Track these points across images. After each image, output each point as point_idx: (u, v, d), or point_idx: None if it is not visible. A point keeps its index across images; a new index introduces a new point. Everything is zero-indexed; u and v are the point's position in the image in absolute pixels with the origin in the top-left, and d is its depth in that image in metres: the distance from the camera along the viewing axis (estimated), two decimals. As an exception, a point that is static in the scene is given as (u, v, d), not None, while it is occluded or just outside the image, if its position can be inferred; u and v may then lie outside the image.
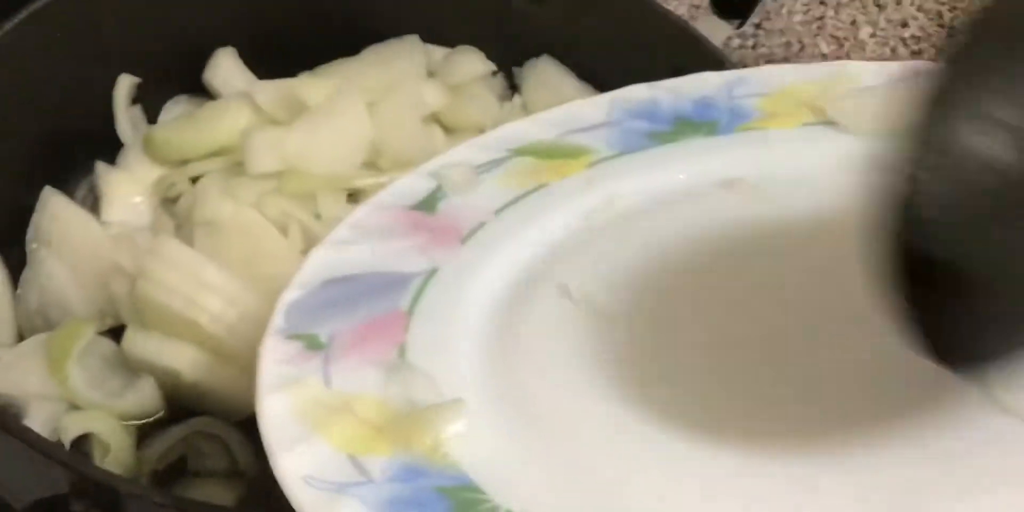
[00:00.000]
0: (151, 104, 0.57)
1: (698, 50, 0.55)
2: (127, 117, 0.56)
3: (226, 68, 0.58)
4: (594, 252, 0.37)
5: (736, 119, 0.42)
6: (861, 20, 0.69)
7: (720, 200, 0.39)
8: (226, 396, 0.47)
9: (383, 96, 0.55)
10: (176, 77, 0.58)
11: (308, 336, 0.33)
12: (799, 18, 0.69)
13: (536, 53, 0.60)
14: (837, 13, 0.69)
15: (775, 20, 0.68)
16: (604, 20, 0.58)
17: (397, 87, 0.56)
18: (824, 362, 0.33)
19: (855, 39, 0.68)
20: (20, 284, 0.51)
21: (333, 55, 0.58)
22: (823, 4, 0.69)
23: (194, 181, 0.54)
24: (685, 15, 0.61)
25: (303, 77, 0.57)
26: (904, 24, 0.69)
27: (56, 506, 0.37)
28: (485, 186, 0.39)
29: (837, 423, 0.31)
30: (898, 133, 0.26)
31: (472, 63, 0.59)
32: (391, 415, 0.31)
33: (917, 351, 0.26)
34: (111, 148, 0.55)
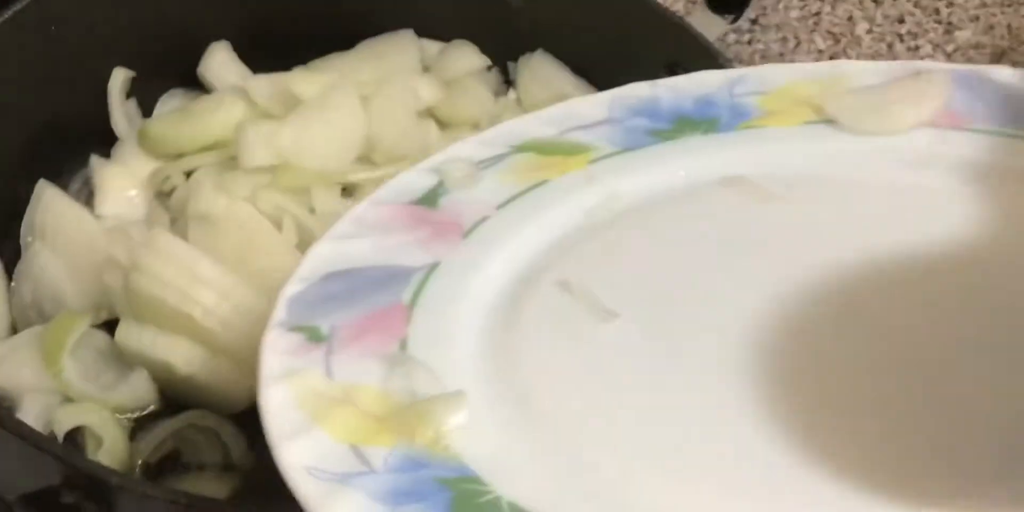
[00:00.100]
0: (146, 98, 0.57)
1: (693, 45, 0.55)
2: (122, 111, 0.56)
3: (221, 62, 0.58)
4: (595, 248, 0.38)
5: (737, 117, 0.42)
6: (857, 16, 0.69)
7: (721, 197, 0.39)
8: (220, 389, 0.47)
9: (377, 90, 0.55)
10: (171, 71, 0.58)
11: (310, 328, 0.33)
12: (795, 14, 0.69)
13: (531, 48, 0.60)
14: (833, 9, 0.69)
15: (771, 16, 0.68)
16: (599, 15, 0.58)
17: (391, 81, 0.56)
18: (819, 355, 0.33)
19: (851, 35, 0.68)
20: (14, 277, 0.51)
21: (327, 49, 0.58)
22: (819, 0, 0.69)
23: (188, 175, 0.54)
24: (680, 10, 0.61)
25: (297, 71, 0.57)
26: (900, 20, 0.69)
27: (48, 498, 0.37)
28: (486, 182, 0.39)
29: (837, 410, 0.31)
30: None
31: (467, 58, 0.59)
32: (392, 407, 0.31)
33: None
34: (106, 141, 0.55)
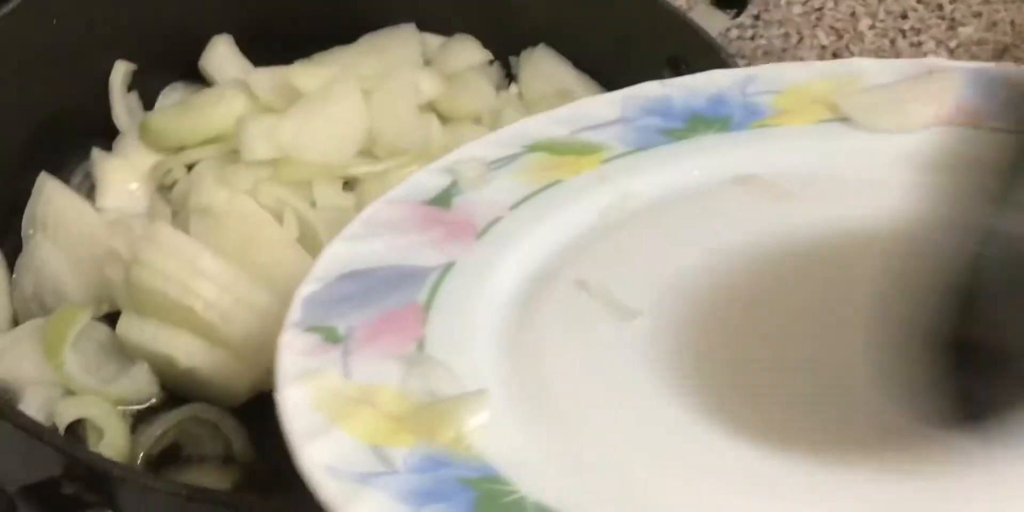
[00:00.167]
0: (147, 91, 0.57)
1: (695, 40, 0.55)
2: (123, 104, 0.56)
3: (222, 55, 0.58)
4: (610, 248, 0.37)
5: (750, 116, 0.41)
6: (860, 11, 0.69)
7: (735, 196, 0.39)
8: (221, 382, 0.47)
9: (379, 84, 0.55)
10: (172, 64, 0.58)
11: (326, 328, 0.33)
12: (798, 9, 0.69)
13: (533, 42, 0.60)
14: (836, 4, 0.69)
15: (774, 11, 0.68)
16: (601, 10, 0.58)
17: (393, 75, 0.56)
18: (839, 360, 0.33)
19: (854, 31, 0.68)
20: (15, 269, 0.51)
21: (329, 43, 0.58)
22: (822, -5, 0.69)
23: (190, 168, 0.54)
24: (683, 5, 0.61)
25: (299, 65, 0.57)
26: (903, 15, 0.69)
27: (49, 489, 0.37)
28: (499, 182, 0.39)
29: (862, 418, 0.31)
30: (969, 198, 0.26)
31: (468, 52, 0.59)
32: (412, 407, 0.31)
33: (934, 418, 0.27)
34: (107, 135, 0.55)
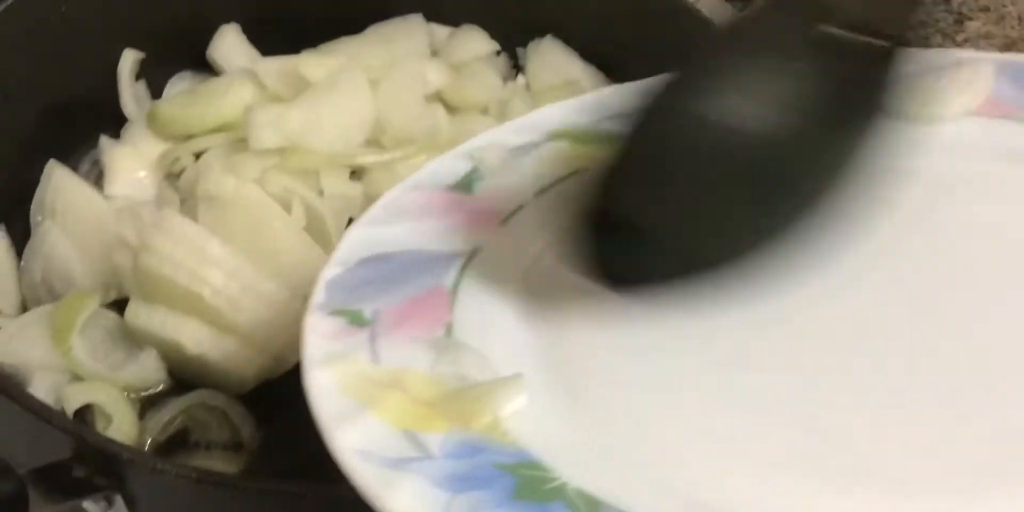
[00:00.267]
0: (155, 79, 0.57)
1: (703, 32, 0.55)
2: (131, 92, 0.56)
3: (230, 44, 0.58)
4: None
5: None
6: (866, 5, 0.69)
7: None
8: (228, 369, 0.47)
9: (386, 74, 0.55)
10: (180, 53, 0.58)
11: (351, 312, 0.32)
12: (803, 2, 0.69)
13: (540, 33, 0.60)
14: (841, -2, 0.69)
15: (779, 4, 0.68)
16: (608, 1, 0.58)
17: (400, 65, 0.56)
18: (877, 344, 0.32)
19: (859, 23, 0.68)
20: (24, 256, 0.51)
21: (336, 33, 0.58)
22: (827, -12, 0.69)
23: (197, 156, 0.54)
24: (690, -3, 0.61)
25: (306, 54, 0.57)
26: (908, 9, 0.69)
27: (59, 472, 0.37)
28: (521, 169, 0.39)
29: (910, 407, 0.31)
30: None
31: (475, 42, 0.59)
32: (443, 392, 0.30)
33: (594, 279, 0.32)
34: (115, 123, 0.56)
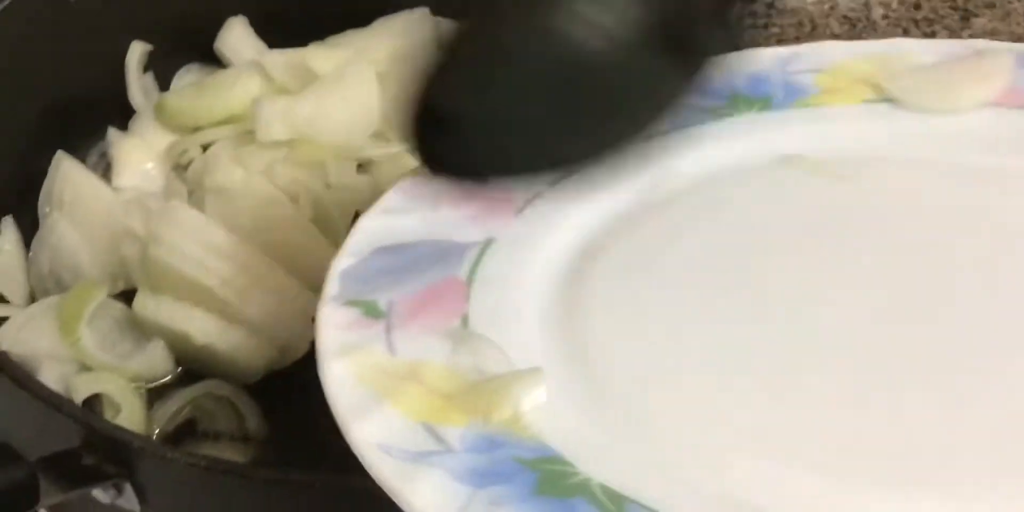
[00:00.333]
0: (162, 72, 0.57)
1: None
2: (139, 84, 0.56)
3: (237, 37, 0.58)
4: (654, 226, 0.37)
5: (792, 95, 0.41)
6: (874, 1, 0.69)
7: (783, 177, 0.38)
8: (236, 360, 0.47)
9: (393, 67, 0.56)
10: (187, 45, 0.58)
11: (366, 303, 0.32)
12: (811, -2, 0.69)
13: (547, 27, 0.60)
14: (849, -6, 0.69)
15: (787, 0, 0.68)
16: (616, -5, 0.58)
17: (407, 59, 0.56)
18: (904, 337, 0.32)
19: (867, 20, 0.68)
20: (32, 247, 0.51)
21: (343, 26, 0.58)
22: (835, -16, 0.69)
23: (205, 148, 0.54)
24: (697, -8, 0.61)
25: (313, 47, 0.57)
26: (917, 6, 0.69)
27: (69, 460, 0.37)
28: None
29: (948, 398, 0.30)
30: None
31: (483, 36, 0.59)
32: (461, 384, 0.30)
33: (427, 168, 0.36)
34: (123, 114, 0.56)
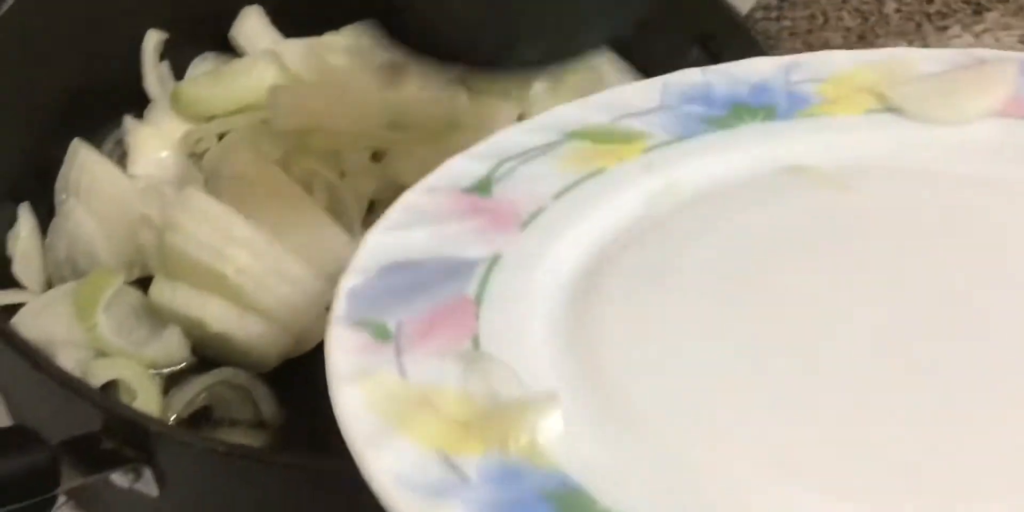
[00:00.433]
0: (178, 61, 0.57)
1: (724, 19, 0.55)
2: (155, 73, 0.56)
3: (252, 26, 0.58)
4: (660, 238, 0.36)
5: (795, 105, 0.41)
6: (885, -6, 0.69)
7: (788, 188, 0.38)
8: (251, 347, 0.47)
9: (406, 57, 0.56)
10: (203, 34, 0.58)
11: (375, 324, 0.31)
12: (823, -8, 0.69)
13: (561, 19, 0.60)
14: (861, -13, 0.69)
15: (799, -8, 0.68)
16: (629, -13, 0.58)
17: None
18: (906, 351, 0.31)
19: (880, 13, 0.68)
20: (49, 233, 0.51)
21: (358, 16, 0.58)
22: (847, -22, 0.69)
23: (220, 137, 0.54)
24: (711, -16, 0.61)
25: (328, 36, 0.57)
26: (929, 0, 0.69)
27: (89, 443, 0.38)
28: (540, 170, 0.38)
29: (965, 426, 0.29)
30: None
31: (497, 27, 0.59)
32: (475, 410, 0.29)
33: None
34: (139, 103, 0.56)
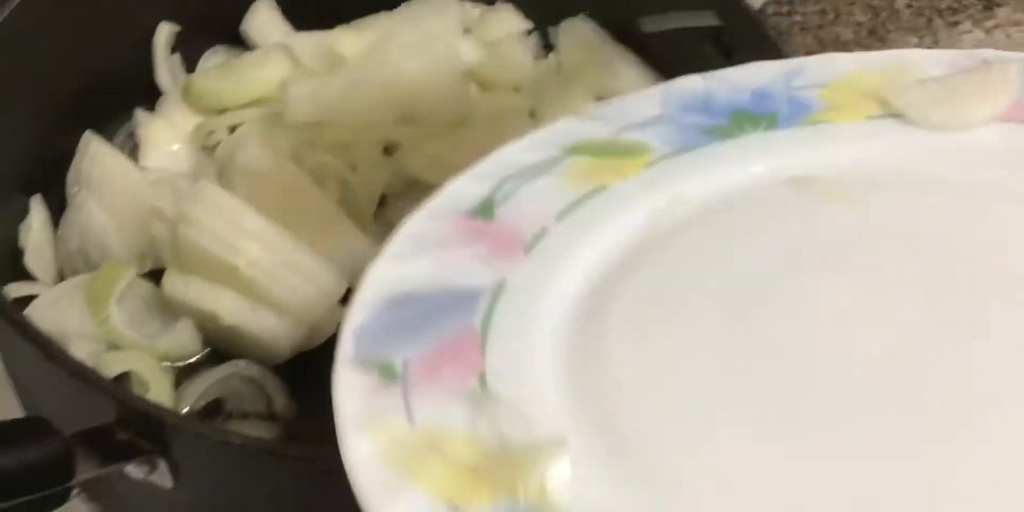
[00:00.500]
0: (189, 54, 0.57)
1: (737, 12, 0.55)
2: (166, 65, 0.56)
3: (263, 19, 0.58)
4: (665, 258, 0.35)
5: (797, 112, 0.40)
6: (896, -10, 0.69)
7: (793, 200, 0.37)
8: (263, 340, 0.47)
9: (419, 51, 0.56)
10: (214, 27, 0.58)
11: (382, 364, 0.31)
12: (834, -13, 0.69)
13: (572, 13, 0.60)
14: (873, -18, 0.69)
15: (810, -12, 0.68)
16: (641, -20, 0.58)
17: (433, 42, 0.56)
18: (916, 368, 0.30)
19: (891, 8, 0.68)
20: (60, 225, 0.51)
21: (370, 9, 0.58)
22: (859, -27, 0.69)
23: (232, 130, 0.54)
24: (722, -22, 0.61)
25: (340, 30, 0.57)
26: (940, -5, 0.69)
27: (104, 435, 0.38)
28: (542, 189, 0.37)
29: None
30: None
31: (508, 21, 0.59)
32: (484, 454, 0.29)
33: None
34: (150, 95, 0.56)
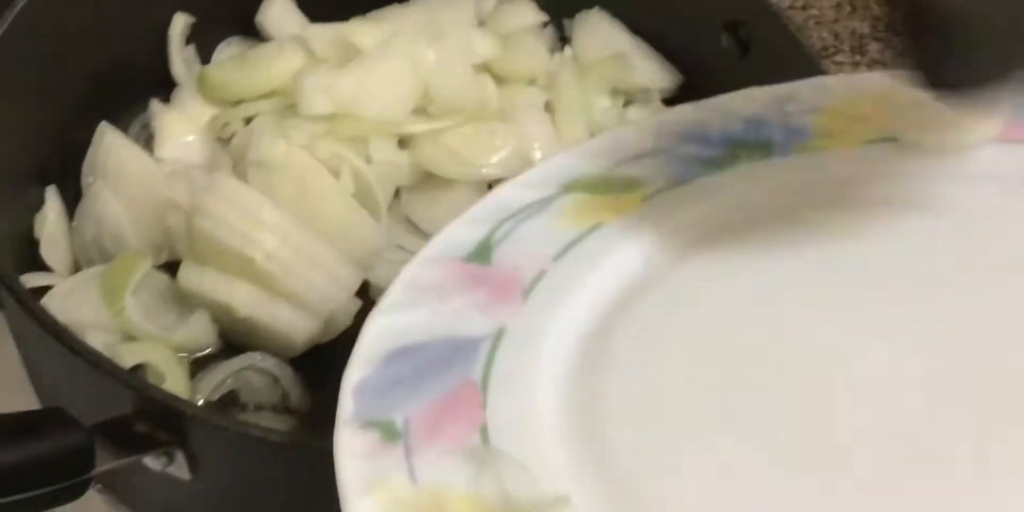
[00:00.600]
0: (203, 45, 0.57)
1: (754, 5, 0.55)
2: (181, 56, 0.56)
3: (279, 11, 0.58)
4: (662, 297, 0.35)
5: (792, 139, 0.39)
6: (911, -16, 0.68)
7: (793, 231, 0.36)
8: (278, 332, 0.47)
9: (434, 43, 0.55)
10: (229, 19, 0.58)
11: (383, 424, 0.30)
12: (849, -20, 0.68)
13: (587, 5, 0.59)
14: (887, -23, 0.68)
15: (826, -19, 0.68)
16: (657, -26, 0.57)
17: (448, 35, 0.56)
18: (927, 393, 0.30)
19: (906, 2, 0.68)
20: (76, 216, 0.51)
21: (385, 1, 0.58)
22: (874, -34, 0.68)
23: (247, 121, 0.54)
24: (739, -30, 0.61)
25: (355, 21, 0.57)
26: (955, -12, 0.68)
27: (122, 426, 0.38)
28: (538, 229, 0.37)
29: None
30: None
31: (523, 13, 0.59)
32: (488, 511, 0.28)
33: (922, 85, 0.32)
34: (165, 86, 0.56)
